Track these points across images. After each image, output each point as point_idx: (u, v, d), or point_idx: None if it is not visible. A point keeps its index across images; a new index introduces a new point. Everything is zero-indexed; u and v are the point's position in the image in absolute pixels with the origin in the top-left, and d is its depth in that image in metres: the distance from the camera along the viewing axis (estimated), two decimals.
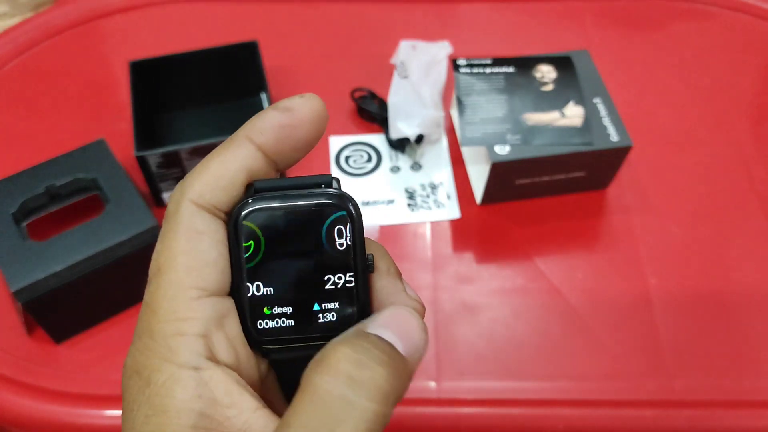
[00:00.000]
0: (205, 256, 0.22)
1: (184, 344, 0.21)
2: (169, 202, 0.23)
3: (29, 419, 0.52)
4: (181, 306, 0.21)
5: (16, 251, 0.52)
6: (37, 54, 0.79)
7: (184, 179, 0.23)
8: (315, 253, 0.23)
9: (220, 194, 0.23)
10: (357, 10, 0.84)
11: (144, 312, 0.22)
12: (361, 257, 0.23)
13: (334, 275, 0.23)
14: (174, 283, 0.22)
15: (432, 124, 0.68)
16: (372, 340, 0.21)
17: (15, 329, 0.56)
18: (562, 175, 0.64)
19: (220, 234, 0.23)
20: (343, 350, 0.20)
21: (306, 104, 0.23)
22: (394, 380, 0.20)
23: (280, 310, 0.23)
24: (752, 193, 0.67)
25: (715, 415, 0.53)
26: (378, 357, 0.20)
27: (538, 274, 0.61)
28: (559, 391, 0.54)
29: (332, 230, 0.23)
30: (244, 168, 0.23)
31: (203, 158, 0.23)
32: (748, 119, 0.74)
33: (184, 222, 0.22)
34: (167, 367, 0.21)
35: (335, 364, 0.20)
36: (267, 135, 0.23)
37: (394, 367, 0.21)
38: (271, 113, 0.23)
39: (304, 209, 0.23)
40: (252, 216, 0.23)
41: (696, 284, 0.61)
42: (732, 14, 0.85)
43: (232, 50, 0.70)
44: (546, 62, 0.68)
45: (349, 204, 0.23)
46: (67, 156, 0.59)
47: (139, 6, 0.84)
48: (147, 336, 0.22)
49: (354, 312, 0.23)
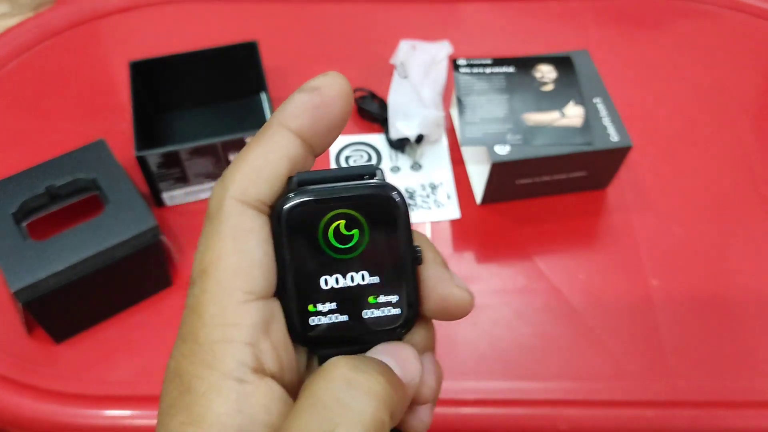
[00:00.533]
0: (253, 256, 0.21)
1: (230, 352, 0.20)
2: (210, 200, 0.22)
3: (29, 419, 0.52)
4: (229, 310, 0.21)
5: (16, 251, 0.52)
6: (37, 54, 0.79)
7: (224, 176, 0.22)
8: (361, 246, 0.22)
9: (263, 187, 0.22)
10: (357, 10, 0.84)
11: (188, 316, 0.21)
12: (409, 249, 0.23)
13: (382, 268, 0.22)
14: (221, 286, 0.21)
15: (432, 124, 0.68)
16: (371, 357, 0.21)
17: (15, 329, 0.56)
18: (562, 175, 0.64)
19: (265, 231, 0.22)
20: (341, 360, 0.20)
21: (332, 81, 0.23)
22: (391, 390, 0.20)
23: (329, 306, 0.22)
24: (753, 193, 0.67)
25: (717, 415, 0.53)
26: (376, 366, 0.20)
27: (539, 274, 0.61)
28: (561, 391, 0.54)
29: (378, 222, 0.22)
30: (284, 156, 0.22)
31: (241, 151, 0.23)
32: (749, 119, 0.74)
33: (230, 221, 0.21)
34: (210, 376, 0.20)
35: (332, 371, 0.20)
36: (301, 118, 0.22)
37: (392, 380, 0.20)
38: (300, 96, 0.23)
39: (349, 202, 0.22)
40: (296, 210, 0.22)
41: (697, 284, 0.61)
42: (732, 14, 0.85)
43: (232, 50, 0.70)
44: (546, 62, 0.68)
45: (393, 194, 0.22)
46: (67, 156, 0.59)
47: (139, 6, 0.84)
48: (192, 340, 0.21)
49: (404, 305, 0.23)
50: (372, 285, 0.23)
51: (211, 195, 0.22)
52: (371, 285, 0.23)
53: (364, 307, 0.23)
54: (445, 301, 0.23)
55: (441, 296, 0.23)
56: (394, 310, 0.23)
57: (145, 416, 0.52)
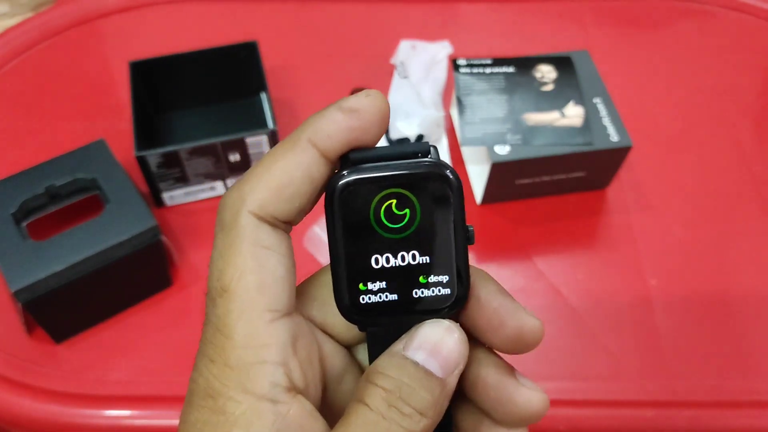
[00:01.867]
0: (275, 274, 0.21)
1: (263, 374, 0.20)
2: (223, 209, 0.21)
3: (29, 419, 0.52)
4: (259, 331, 0.20)
5: (16, 251, 0.52)
6: (37, 54, 0.79)
7: (241, 185, 0.21)
8: (413, 226, 0.22)
9: (283, 206, 0.21)
10: (357, 10, 0.84)
11: (215, 336, 0.21)
12: (462, 228, 0.22)
13: (433, 247, 0.22)
14: (248, 305, 0.20)
15: (432, 124, 0.68)
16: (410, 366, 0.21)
17: (15, 329, 0.56)
18: (562, 175, 0.64)
19: (284, 247, 0.21)
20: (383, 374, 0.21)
21: (373, 104, 0.22)
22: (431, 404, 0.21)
23: (380, 284, 0.22)
24: (753, 193, 0.67)
25: (716, 415, 0.53)
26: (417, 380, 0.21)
27: (538, 274, 0.61)
28: (560, 391, 0.54)
29: (431, 201, 0.22)
30: (308, 177, 0.21)
31: (262, 160, 0.22)
32: (749, 119, 0.74)
33: (248, 236, 0.21)
34: (246, 399, 0.20)
35: (375, 389, 0.20)
36: (334, 140, 0.21)
37: (431, 391, 0.21)
38: (337, 115, 0.21)
39: (402, 180, 0.22)
40: (349, 188, 0.22)
41: (696, 284, 0.61)
42: (732, 14, 0.85)
43: (232, 50, 0.70)
44: (546, 62, 0.68)
45: (447, 172, 0.22)
46: (67, 156, 0.59)
47: (139, 6, 0.84)
48: (222, 362, 0.20)
49: (454, 284, 0.23)
50: (422, 265, 0.22)
51: (224, 202, 0.22)
52: (422, 264, 0.22)
53: (414, 286, 0.23)
54: (521, 331, 0.23)
55: (516, 326, 0.23)
56: (444, 290, 0.23)
57: (145, 416, 0.52)
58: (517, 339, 0.23)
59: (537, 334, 0.23)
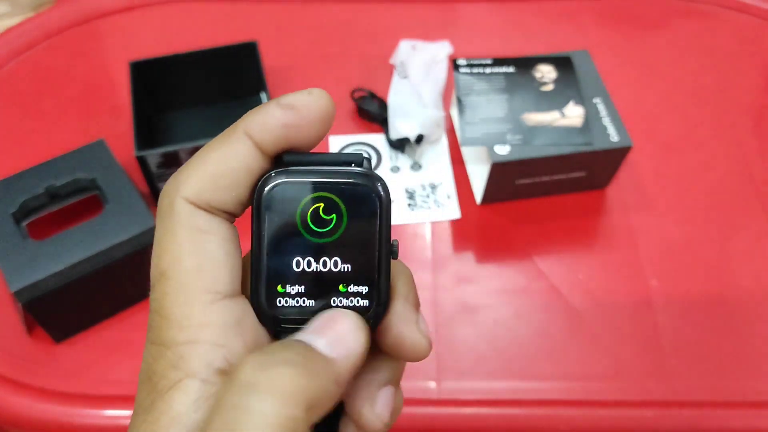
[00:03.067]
0: (214, 257, 0.21)
1: (196, 352, 0.20)
2: (161, 198, 0.22)
3: (29, 419, 0.52)
4: (195, 312, 0.20)
5: (16, 251, 0.52)
6: (37, 54, 0.79)
7: (178, 174, 0.22)
8: (338, 232, 0.22)
9: (219, 194, 0.21)
10: (357, 10, 0.84)
11: (154, 319, 0.21)
12: (386, 241, 0.22)
13: (356, 257, 0.22)
14: (185, 288, 0.20)
15: (432, 124, 0.68)
16: (285, 344, 0.20)
17: (15, 329, 0.56)
18: (562, 175, 0.64)
19: (223, 231, 0.21)
20: (249, 358, 0.19)
21: (313, 102, 0.22)
22: (302, 380, 0.19)
23: (298, 288, 0.22)
24: (753, 193, 0.67)
25: (716, 415, 0.53)
26: (284, 358, 0.19)
27: (539, 274, 0.61)
28: (560, 391, 0.54)
29: (358, 211, 0.22)
30: (245, 168, 0.22)
31: (200, 151, 0.22)
32: (749, 119, 0.74)
33: (184, 221, 0.21)
34: (174, 375, 0.20)
35: (237, 374, 0.19)
36: (268, 134, 0.22)
37: (304, 367, 0.19)
38: (274, 110, 0.22)
39: (331, 187, 0.22)
40: (277, 190, 0.22)
41: (696, 284, 0.61)
42: (732, 14, 0.85)
43: (232, 50, 0.70)
44: (546, 62, 0.68)
45: (377, 185, 0.22)
46: (67, 156, 0.59)
47: (139, 6, 0.84)
48: (159, 343, 0.21)
49: (373, 297, 0.22)
50: (343, 273, 0.22)
51: (162, 192, 0.22)
52: (343, 273, 0.22)
53: (333, 294, 0.22)
54: (402, 341, 0.22)
55: (399, 334, 0.22)
56: (363, 301, 0.22)
57: None
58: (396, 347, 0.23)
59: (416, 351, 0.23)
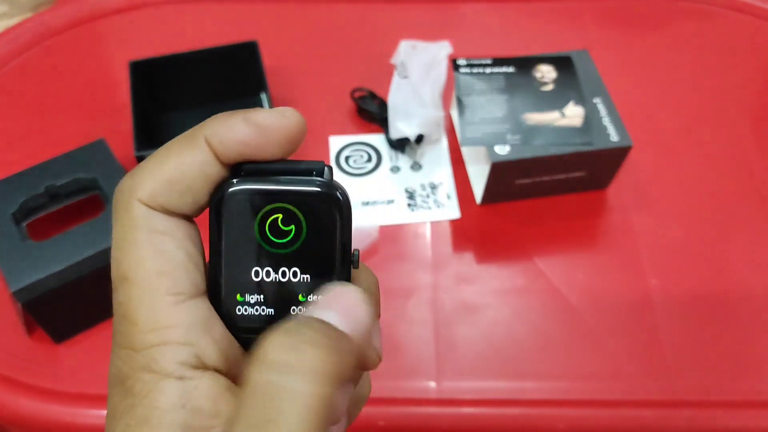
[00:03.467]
0: (174, 258, 0.21)
1: (167, 353, 0.20)
2: (116, 197, 0.21)
3: (29, 419, 0.52)
4: (161, 314, 0.20)
5: (16, 251, 0.52)
6: (37, 54, 0.79)
7: (133, 175, 0.21)
8: (297, 243, 0.22)
9: (175, 198, 0.21)
10: (357, 10, 0.84)
11: (120, 323, 0.21)
12: (346, 251, 0.22)
13: (315, 266, 0.22)
14: (148, 291, 0.20)
15: (432, 124, 0.68)
16: (304, 322, 0.20)
17: (15, 329, 0.56)
18: (562, 175, 0.64)
19: (180, 232, 0.21)
20: (274, 339, 0.19)
21: (281, 125, 0.21)
22: (332, 358, 0.19)
23: (257, 297, 0.22)
24: (753, 193, 0.67)
25: (715, 415, 0.53)
26: (311, 338, 0.19)
27: (538, 274, 0.61)
28: (559, 391, 0.54)
29: (317, 221, 0.22)
30: (202, 174, 0.21)
31: (157, 152, 0.21)
32: (749, 119, 0.74)
33: (140, 224, 0.21)
34: (150, 377, 0.20)
35: (266, 354, 0.19)
36: (227, 147, 0.21)
37: (330, 346, 0.19)
38: (239, 126, 0.21)
39: (289, 196, 0.22)
40: (235, 199, 0.22)
41: (696, 284, 0.61)
42: (732, 14, 0.85)
43: (232, 50, 0.70)
44: (546, 62, 0.68)
45: (337, 193, 0.22)
46: (67, 156, 0.59)
47: (139, 6, 0.84)
48: (128, 347, 0.20)
49: None
50: (303, 283, 0.22)
51: (116, 191, 0.21)
52: (302, 282, 0.22)
53: (292, 303, 0.22)
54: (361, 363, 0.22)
55: None
56: None
57: None
58: None
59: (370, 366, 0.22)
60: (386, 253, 0.62)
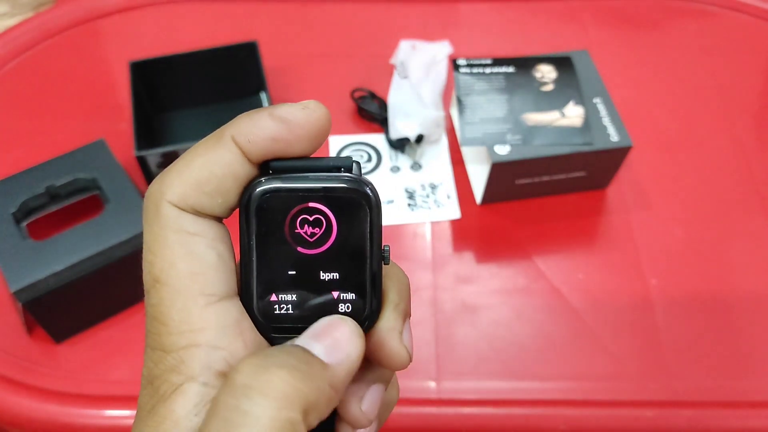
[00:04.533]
0: (205, 259, 0.21)
1: (196, 356, 0.20)
2: (146, 201, 0.21)
3: (29, 419, 0.52)
4: (193, 317, 0.20)
5: (16, 251, 0.52)
6: (37, 54, 0.79)
7: (162, 178, 0.21)
8: (328, 239, 0.22)
9: (204, 200, 0.21)
10: (357, 10, 0.84)
11: (152, 325, 0.21)
12: (377, 247, 0.22)
13: (346, 264, 0.22)
14: (180, 293, 0.20)
15: (432, 124, 0.68)
16: (281, 348, 0.20)
17: (15, 329, 0.56)
18: (562, 175, 0.64)
19: (212, 233, 0.21)
20: (246, 361, 0.19)
21: (308, 117, 0.21)
22: (300, 384, 0.19)
23: (290, 296, 0.22)
24: (753, 193, 0.67)
25: (716, 415, 0.53)
26: (282, 361, 0.19)
27: (539, 274, 0.61)
28: (560, 391, 0.54)
29: (348, 218, 0.22)
30: (230, 174, 0.21)
31: (185, 154, 0.21)
32: (749, 119, 0.74)
33: (171, 226, 0.21)
34: (175, 379, 0.20)
35: (233, 377, 0.19)
36: (257, 145, 0.21)
37: (301, 370, 0.19)
38: (266, 121, 0.21)
39: (319, 193, 0.21)
40: (264, 198, 0.21)
41: (696, 284, 0.61)
42: (732, 14, 0.85)
43: (232, 50, 0.70)
44: (546, 62, 0.68)
45: (367, 189, 0.22)
46: (67, 156, 0.59)
47: (139, 6, 0.84)
48: (159, 348, 0.21)
49: (363, 304, 0.22)
50: (334, 280, 0.22)
51: (146, 195, 0.21)
52: (334, 280, 0.22)
53: (325, 301, 0.22)
54: (381, 349, 0.22)
55: (380, 342, 0.22)
56: (354, 308, 0.22)
57: None
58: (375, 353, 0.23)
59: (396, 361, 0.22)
60: None
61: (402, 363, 0.22)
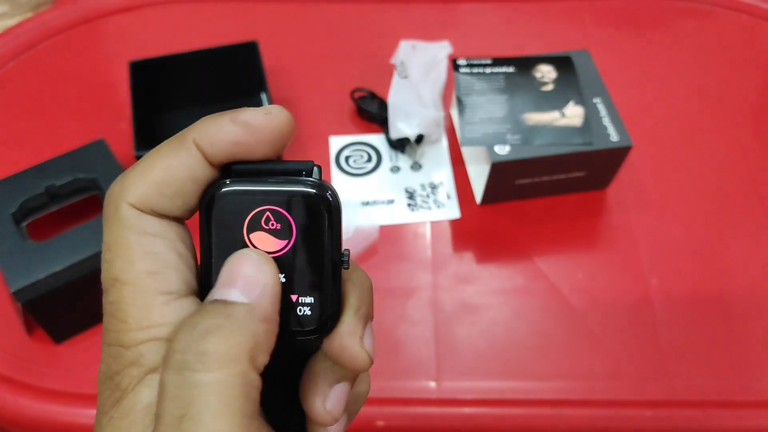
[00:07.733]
0: (165, 259, 0.21)
1: (155, 349, 0.20)
2: (106, 202, 0.21)
3: (29, 419, 0.52)
4: (152, 314, 0.21)
5: (16, 251, 0.52)
6: (37, 54, 0.79)
7: (123, 179, 0.21)
8: (289, 243, 0.22)
9: (164, 201, 0.21)
10: (357, 10, 0.84)
11: (110, 322, 0.21)
12: (336, 251, 0.22)
13: (305, 268, 0.22)
14: (139, 291, 0.21)
15: (432, 124, 0.68)
16: (203, 312, 0.20)
17: (15, 329, 0.56)
18: (562, 175, 0.64)
19: (172, 233, 0.22)
20: (175, 340, 0.19)
21: (270, 122, 0.21)
22: (233, 338, 0.19)
23: None
24: (753, 193, 0.67)
25: (715, 415, 0.53)
26: (209, 325, 0.19)
27: (538, 274, 0.61)
28: (560, 391, 0.54)
29: (306, 222, 0.22)
30: (191, 177, 0.21)
31: (147, 155, 0.22)
32: (749, 119, 0.74)
33: (131, 226, 0.21)
34: (135, 372, 0.20)
35: (170, 358, 0.19)
36: (218, 148, 0.21)
37: (230, 327, 0.19)
38: (228, 125, 0.21)
39: (279, 196, 0.22)
40: (224, 201, 0.22)
41: (696, 284, 0.61)
42: (732, 14, 0.85)
43: (232, 50, 0.70)
44: (546, 62, 0.68)
45: (327, 194, 0.22)
46: (67, 156, 0.59)
47: (139, 6, 0.84)
48: (118, 344, 0.21)
49: (321, 308, 0.22)
50: (292, 284, 0.22)
51: (106, 195, 0.22)
52: (292, 283, 0.22)
53: (293, 303, 0.22)
54: (342, 352, 0.22)
55: (341, 345, 0.22)
56: (312, 312, 0.22)
57: None
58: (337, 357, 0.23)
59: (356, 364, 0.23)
60: (386, 253, 0.62)
61: (363, 366, 0.23)
